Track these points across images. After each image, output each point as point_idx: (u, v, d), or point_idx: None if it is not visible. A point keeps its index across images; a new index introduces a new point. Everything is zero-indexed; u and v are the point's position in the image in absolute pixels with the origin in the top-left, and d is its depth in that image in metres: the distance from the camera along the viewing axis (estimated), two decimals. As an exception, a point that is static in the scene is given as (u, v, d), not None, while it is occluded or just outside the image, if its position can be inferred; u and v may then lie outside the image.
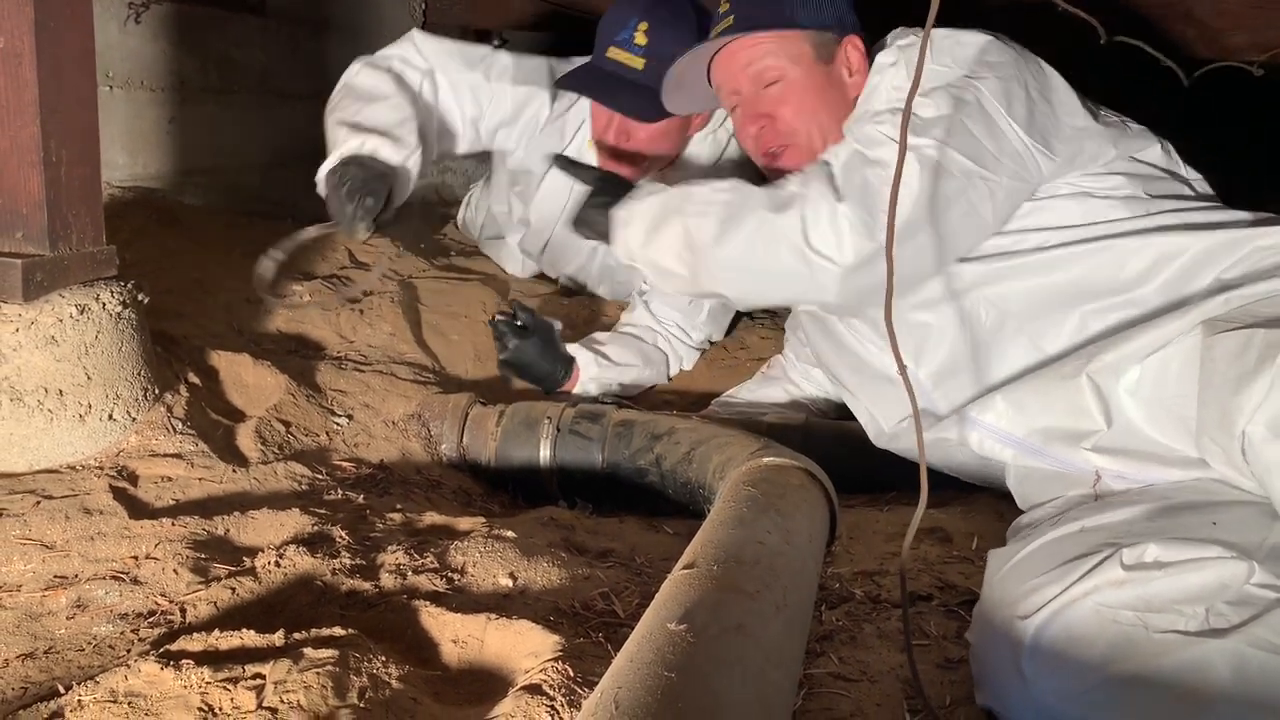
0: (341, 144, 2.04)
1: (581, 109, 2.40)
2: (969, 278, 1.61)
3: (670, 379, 2.51)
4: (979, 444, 1.54)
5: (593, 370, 2.24)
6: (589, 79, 2.21)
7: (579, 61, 2.40)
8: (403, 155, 2.05)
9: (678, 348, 2.47)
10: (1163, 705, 0.98)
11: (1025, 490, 1.54)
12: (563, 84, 2.24)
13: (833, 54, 1.78)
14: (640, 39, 2.13)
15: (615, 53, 2.17)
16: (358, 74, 2.26)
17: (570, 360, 2.21)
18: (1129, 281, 1.51)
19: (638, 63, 2.15)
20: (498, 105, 2.37)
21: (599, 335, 2.39)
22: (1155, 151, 1.67)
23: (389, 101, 2.16)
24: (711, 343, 2.59)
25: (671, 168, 2.38)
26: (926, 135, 1.54)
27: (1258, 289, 1.34)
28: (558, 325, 2.22)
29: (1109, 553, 1.10)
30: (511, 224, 2.73)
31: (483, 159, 2.84)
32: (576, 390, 2.25)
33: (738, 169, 2.39)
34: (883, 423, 1.78)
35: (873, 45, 1.83)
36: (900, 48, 1.70)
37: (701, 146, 2.40)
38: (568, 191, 2.44)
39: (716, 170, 2.41)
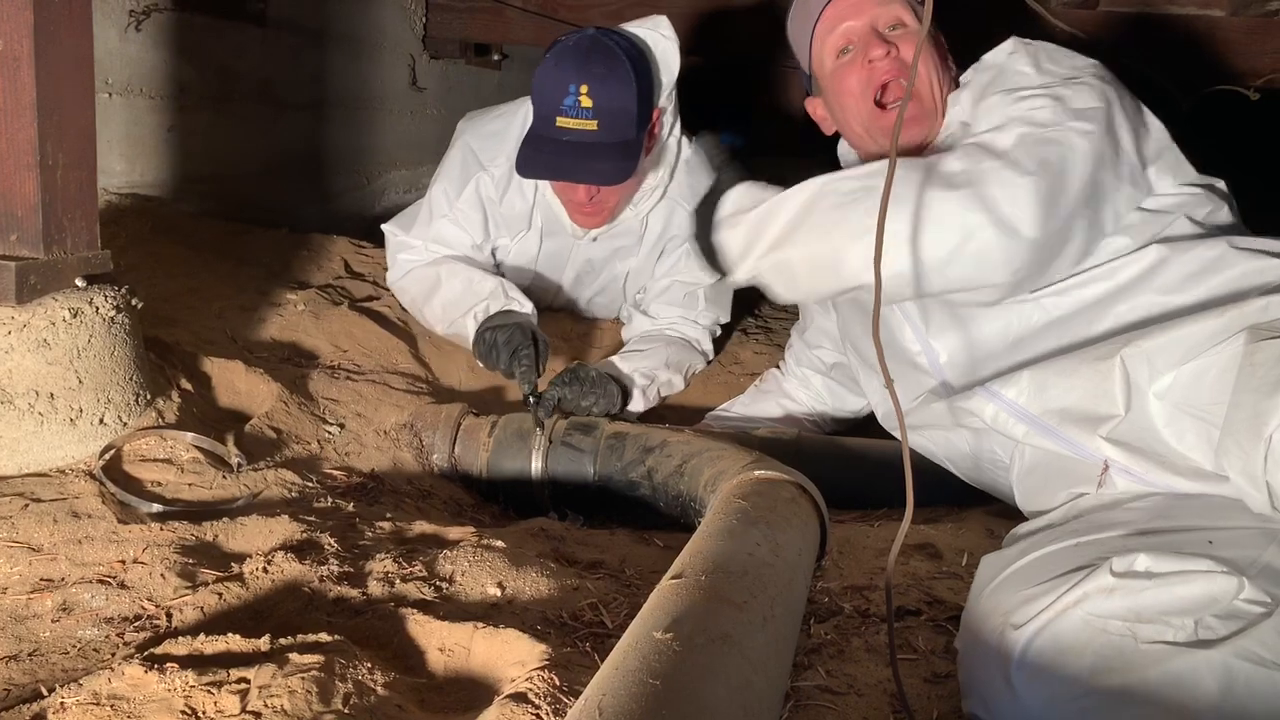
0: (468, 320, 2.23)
1: None
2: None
3: (709, 358, 2.57)
4: (994, 417, 1.53)
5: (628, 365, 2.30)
6: (551, 158, 2.15)
7: (491, 123, 2.43)
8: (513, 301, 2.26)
9: (687, 330, 2.51)
10: (1150, 717, 0.98)
11: (1028, 485, 1.53)
12: (525, 172, 2.19)
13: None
14: (585, 101, 2.09)
15: (565, 122, 2.11)
16: (404, 287, 2.47)
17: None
18: (1170, 285, 1.51)
19: (591, 125, 2.10)
20: (470, 219, 2.42)
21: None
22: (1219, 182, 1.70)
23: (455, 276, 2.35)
24: (721, 325, 2.61)
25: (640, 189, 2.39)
26: (1089, 121, 1.53)
27: None
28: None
29: (1102, 563, 1.10)
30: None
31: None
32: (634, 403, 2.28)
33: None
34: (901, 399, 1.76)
35: None
36: (1020, 41, 1.71)
37: (662, 163, 2.39)
38: (537, 245, 2.49)
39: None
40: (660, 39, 2.27)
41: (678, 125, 2.37)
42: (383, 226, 2.53)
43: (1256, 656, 0.97)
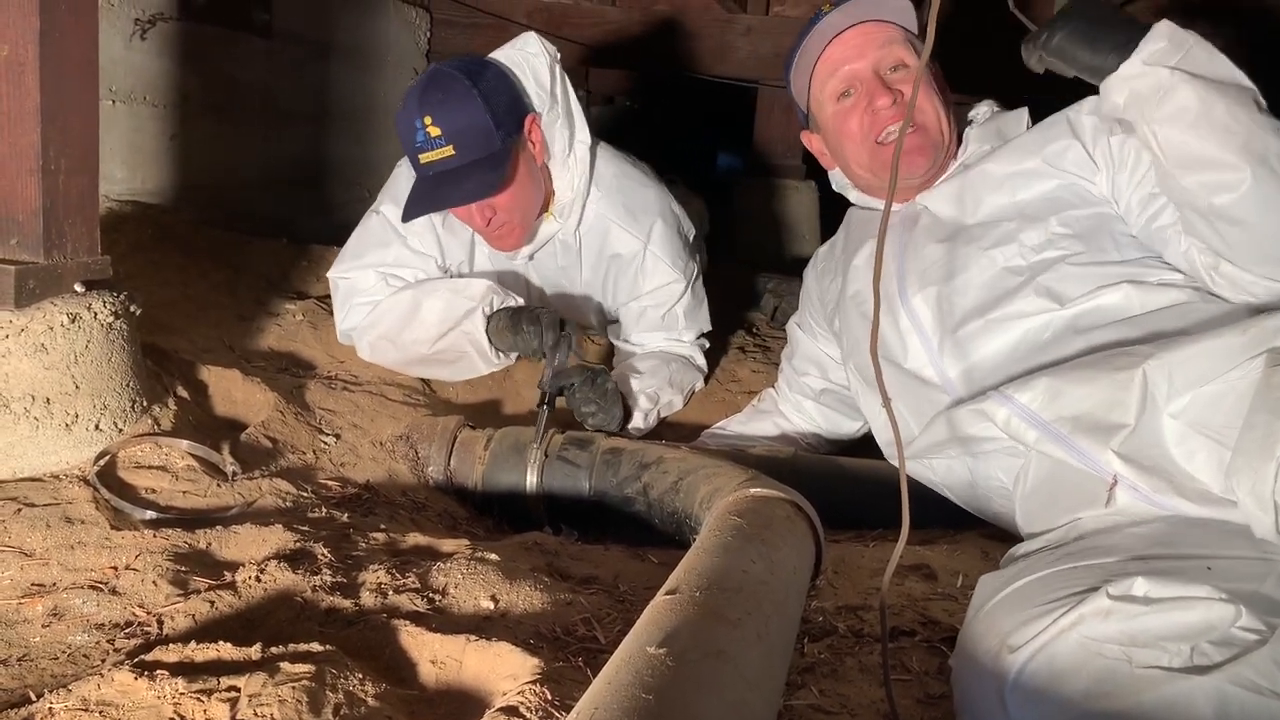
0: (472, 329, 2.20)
1: None
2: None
3: (705, 374, 2.57)
4: (1006, 422, 1.51)
5: (634, 384, 2.29)
6: (425, 196, 2.15)
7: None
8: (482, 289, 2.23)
9: (679, 350, 2.52)
10: None
11: (1032, 506, 1.51)
12: (404, 215, 2.18)
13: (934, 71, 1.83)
14: (433, 131, 2.09)
15: (426, 157, 2.12)
16: (372, 323, 2.31)
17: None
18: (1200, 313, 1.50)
19: (448, 151, 2.10)
20: (426, 242, 2.37)
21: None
22: None
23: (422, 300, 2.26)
24: (704, 335, 2.61)
25: (552, 206, 2.36)
26: None
27: None
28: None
29: (1098, 588, 1.10)
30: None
31: None
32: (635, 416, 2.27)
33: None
34: (911, 422, 1.75)
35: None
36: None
37: (571, 175, 2.34)
38: (492, 272, 2.47)
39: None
40: (528, 56, 2.26)
41: (580, 132, 2.32)
42: (329, 275, 2.39)
43: (1252, 684, 0.97)
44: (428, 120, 2.09)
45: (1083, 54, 1.52)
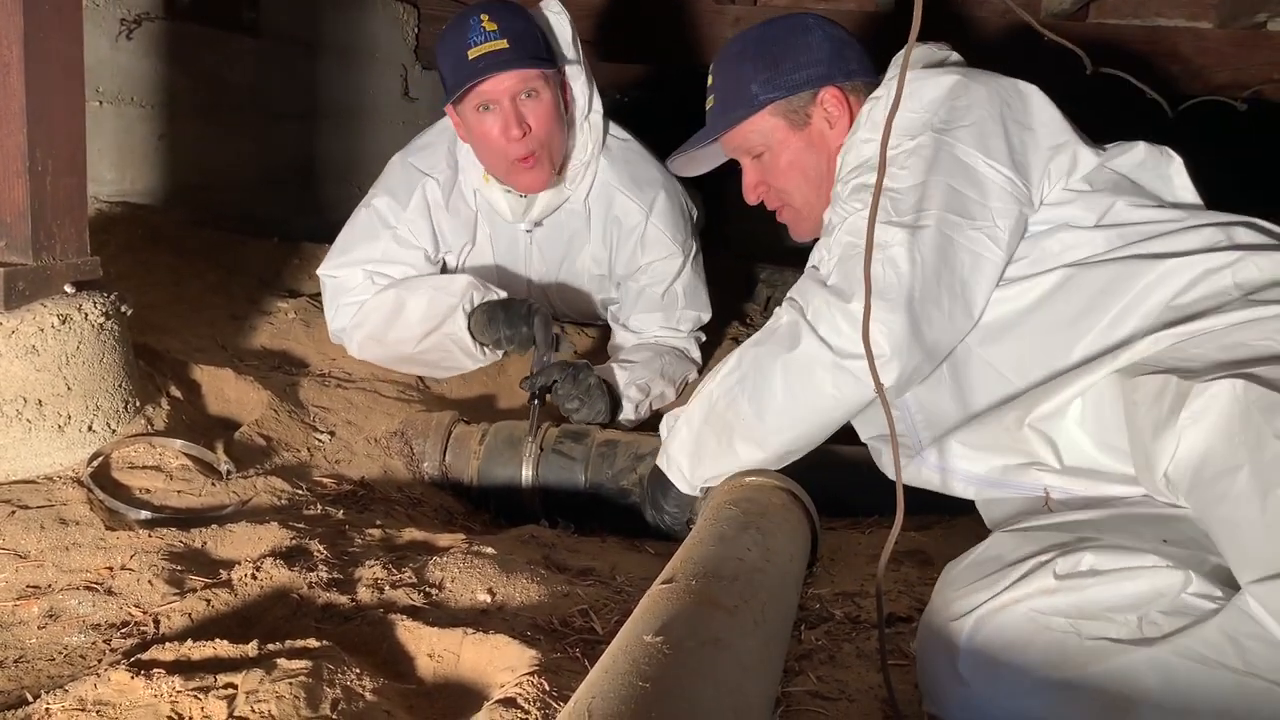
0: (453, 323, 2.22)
1: (466, 168, 2.41)
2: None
3: (699, 365, 2.56)
4: (943, 484, 1.53)
5: (624, 376, 2.28)
6: (469, 75, 2.15)
7: (419, 140, 2.48)
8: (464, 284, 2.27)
9: (674, 341, 2.52)
10: (1092, 712, 0.99)
11: (993, 515, 1.53)
12: (453, 93, 2.18)
13: (809, 114, 1.80)
14: (490, 26, 2.14)
15: (476, 50, 2.13)
16: (360, 322, 2.32)
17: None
18: (1073, 319, 1.46)
19: (502, 44, 2.14)
20: (419, 228, 2.38)
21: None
22: (1137, 154, 1.61)
23: (405, 300, 2.28)
24: (703, 325, 2.60)
25: (566, 170, 2.37)
26: (909, 205, 1.50)
27: (1186, 329, 1.31)
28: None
29: (1047, 558, 1.11)
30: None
31: None
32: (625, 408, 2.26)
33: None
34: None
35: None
36: (875, 98, 1.68)
37: (586, 137, 2.38)
38: (490, 253, 2.49)
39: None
40: (553, 14, 2.34)
41: (596, 100, 2.37)
42: (318, 272, 2.40)
43: (1199, 655, 0.98)
44: (484, 18, 2.14)
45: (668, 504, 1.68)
